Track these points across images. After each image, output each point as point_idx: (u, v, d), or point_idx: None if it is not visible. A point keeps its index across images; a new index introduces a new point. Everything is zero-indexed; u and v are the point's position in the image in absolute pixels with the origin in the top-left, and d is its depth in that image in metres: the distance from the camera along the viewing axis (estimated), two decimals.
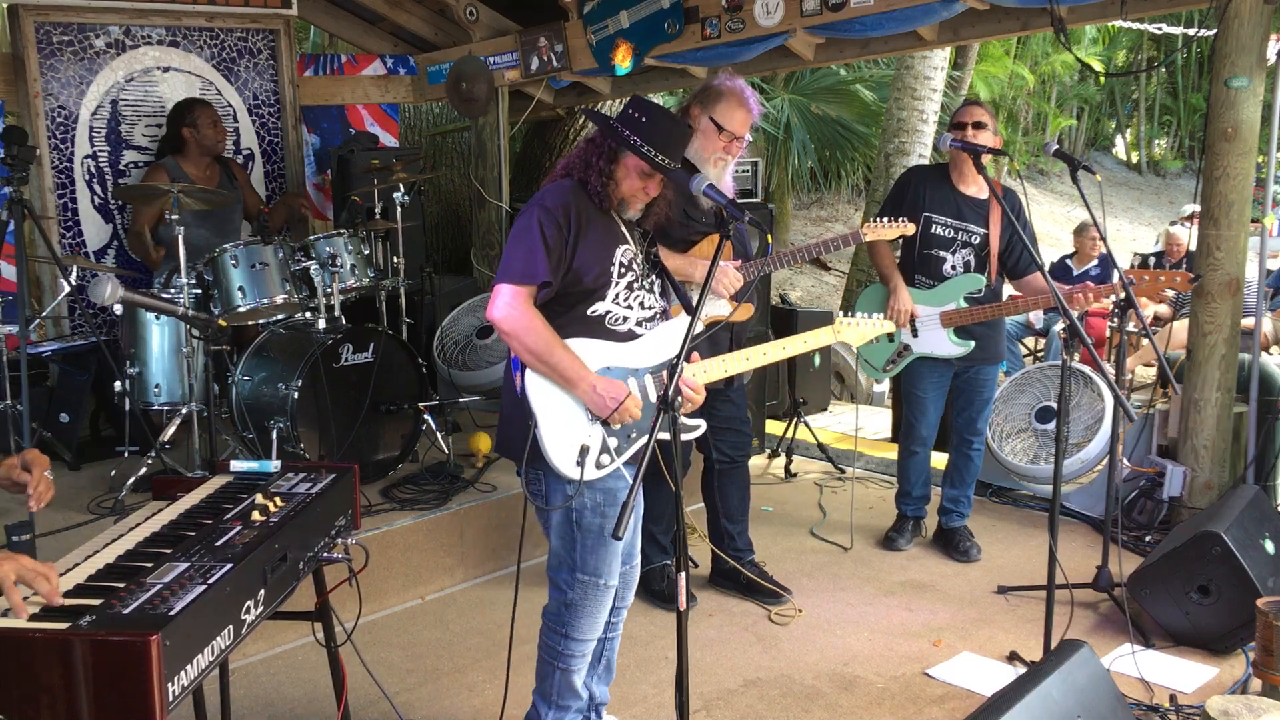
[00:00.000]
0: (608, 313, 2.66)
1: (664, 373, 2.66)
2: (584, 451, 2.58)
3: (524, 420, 2.60)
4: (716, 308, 3.54)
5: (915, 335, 4.23)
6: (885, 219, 3.78)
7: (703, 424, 2.78)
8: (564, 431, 2.59)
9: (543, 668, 2.82)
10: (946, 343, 4.20)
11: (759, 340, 5.82)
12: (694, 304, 2.36)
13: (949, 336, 4.19)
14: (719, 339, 3.54)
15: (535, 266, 2.54)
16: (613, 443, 2.64)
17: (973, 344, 4.19)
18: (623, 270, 2.67)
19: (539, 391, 2.58)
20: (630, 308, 2.69)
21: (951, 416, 4.47)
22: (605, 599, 2.75)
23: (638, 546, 2.92)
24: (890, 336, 4.26)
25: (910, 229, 3.78)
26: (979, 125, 4.04)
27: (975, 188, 4.22)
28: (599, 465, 2.63)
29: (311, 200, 6.58)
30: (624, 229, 2.71)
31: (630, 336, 2.69)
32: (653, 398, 2.66)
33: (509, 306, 2.54)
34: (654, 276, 2.79)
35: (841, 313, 3.21)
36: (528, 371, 2.59)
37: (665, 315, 2.82)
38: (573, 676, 2.79)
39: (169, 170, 5.09)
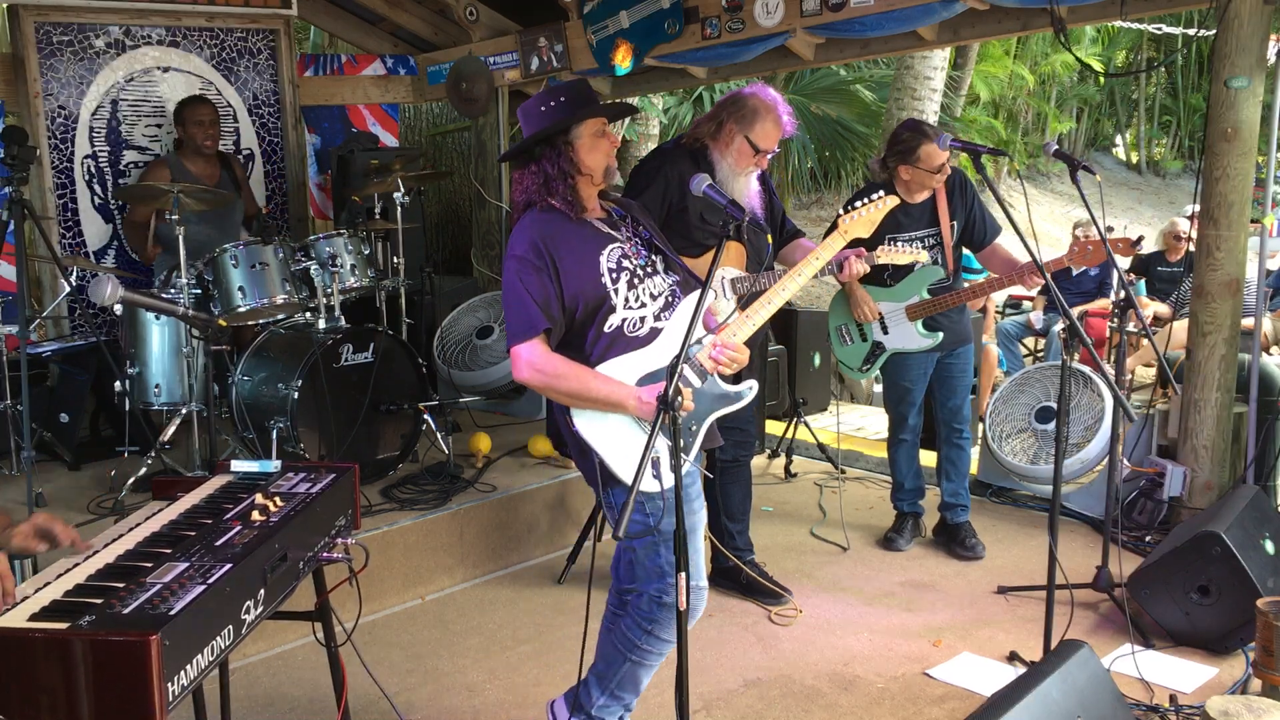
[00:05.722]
0: (623, 320, 2.63)
1: (698, 355, 2.63)
2: (656, 464, 2.58)
3: (591, 455, 2.63)
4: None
5: (886, 333, 4.29)
6: (901, 244, 3.93)
7: (755, 384, 2.74)
8: (629, 454, 2.60)
9: (612, 654, 2.79)
10: (916, 336, 4.26)
11: (769, 346, 5.85)
12: (703, 282, 2.34)
13: (918, 329, 4.25)
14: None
15: (531, 319, 2.56)
16: None
17: (941, 335, 4.25)
18: (615, 274, 2.63)
19: (590, 429, 2.61)
20: (644, 305, 2.65)
21: (935, 409, 4.49)
22: (698, 601, 2.73)
23: (702, 567, 2.83)
24: (864, 336, 4.34)
25: (924, 256, 3.85)
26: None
27: (920, 193, 4.24)
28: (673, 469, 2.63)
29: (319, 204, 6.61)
30: (605, 229, 2.68)
31: (653, 335, 2.66)
32: (696, 383, 2.63)
33: (529, 365, 2.57)
34: (653, 255, 2.74)
35: (842, 210, 3.17)
36: (573, 414, 2.61)
37: (678, 292, 2.73)
38: (640, 671, 2.78)
39: (170, 165, 5.09)
